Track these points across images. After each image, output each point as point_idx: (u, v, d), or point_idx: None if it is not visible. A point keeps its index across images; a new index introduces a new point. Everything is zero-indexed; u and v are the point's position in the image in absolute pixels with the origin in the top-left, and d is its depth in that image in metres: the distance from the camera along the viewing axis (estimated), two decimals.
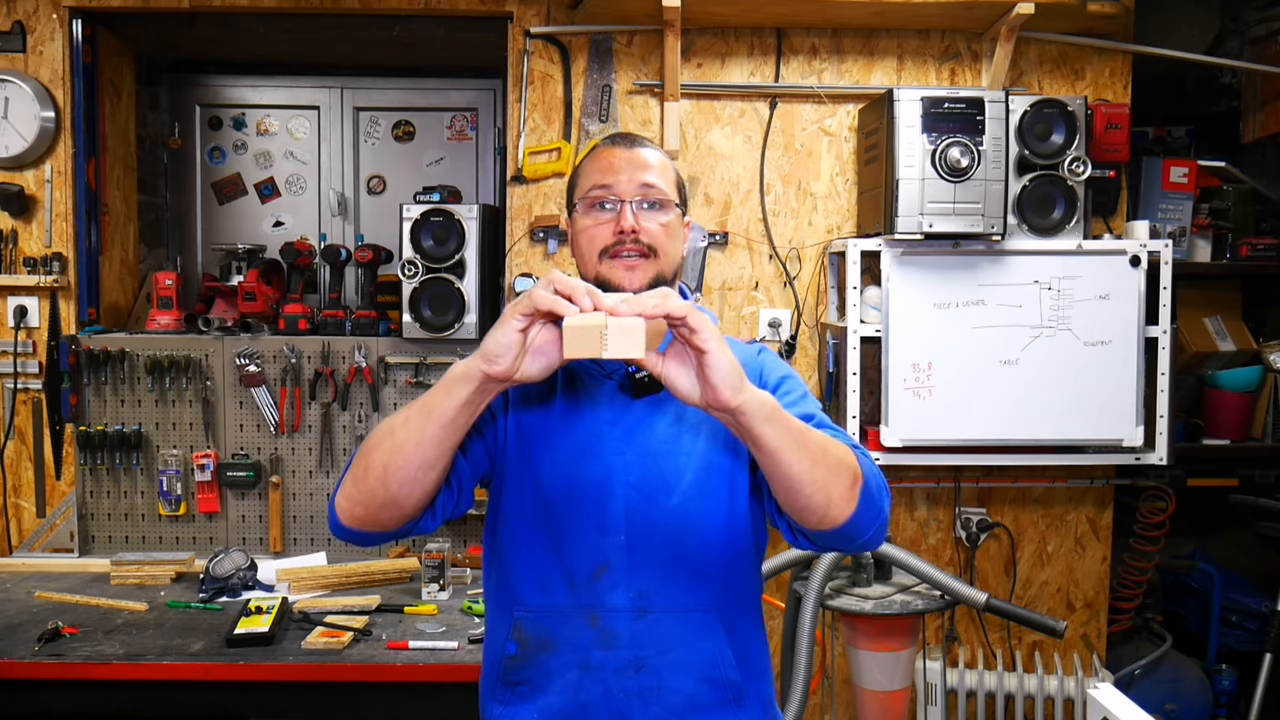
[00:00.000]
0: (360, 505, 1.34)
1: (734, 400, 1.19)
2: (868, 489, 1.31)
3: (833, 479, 1.27)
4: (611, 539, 1.43)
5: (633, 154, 1.51)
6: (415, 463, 1.29)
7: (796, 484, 1.26)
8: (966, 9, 2.94)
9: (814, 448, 1.27)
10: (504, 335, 1.23)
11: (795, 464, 1.25)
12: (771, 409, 1.23)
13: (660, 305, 1.19)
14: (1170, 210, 3.33)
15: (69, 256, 3.12)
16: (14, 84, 3.05)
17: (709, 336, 1.18)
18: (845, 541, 1.34)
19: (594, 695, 1.43)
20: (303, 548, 3.14)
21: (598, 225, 1.48)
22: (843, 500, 1.28)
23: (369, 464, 1.31)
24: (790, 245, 3.17)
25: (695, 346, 1.19)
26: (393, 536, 1.39)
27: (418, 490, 1.31)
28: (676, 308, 1.19)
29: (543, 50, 3.14)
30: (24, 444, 3.15)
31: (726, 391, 1.19)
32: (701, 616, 1.45)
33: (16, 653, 2.31)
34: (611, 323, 1.19)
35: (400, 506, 1.32)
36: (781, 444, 1.24)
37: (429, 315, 3.02)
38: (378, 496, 1.31)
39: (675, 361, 1.23)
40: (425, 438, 1.28)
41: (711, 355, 1.18)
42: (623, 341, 1.19)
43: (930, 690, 3.04)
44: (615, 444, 1.45)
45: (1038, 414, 2.89)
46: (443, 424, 1.27)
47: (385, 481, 1.30)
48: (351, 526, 1.37)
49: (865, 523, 1.32)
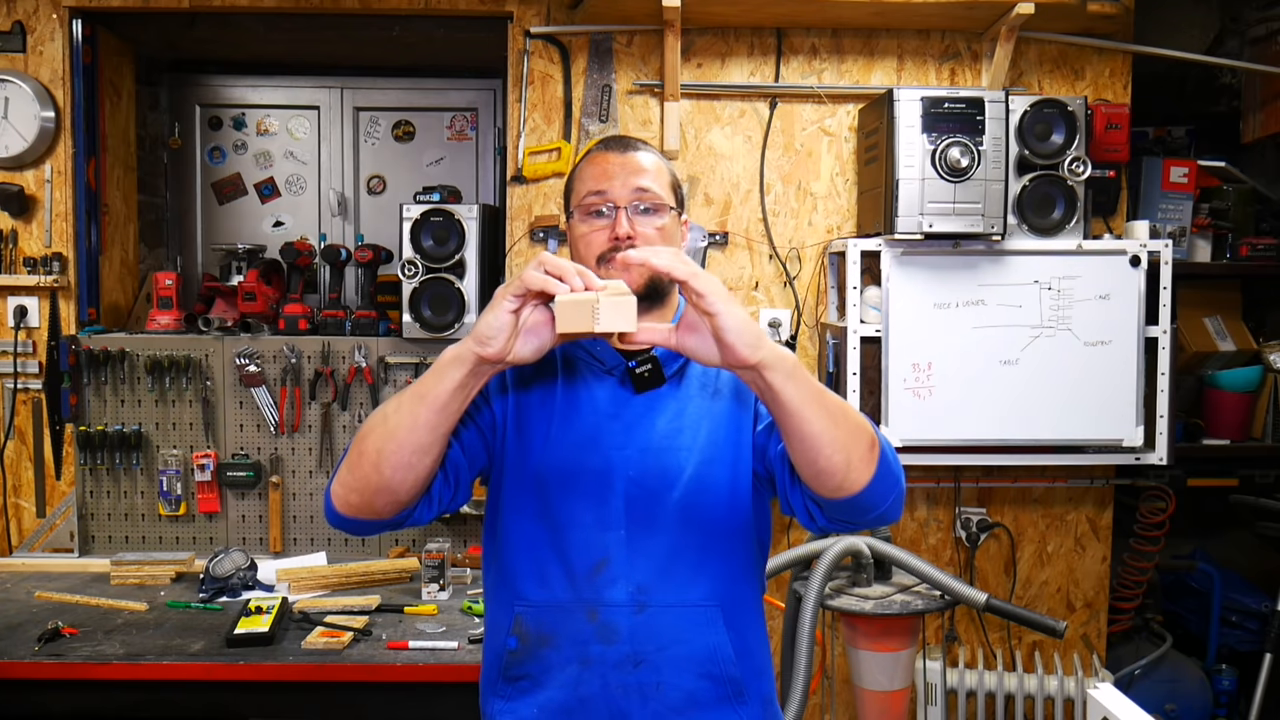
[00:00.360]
0: (355, 492, 1.34)
1: (753, 356, 1.20)
2: (885, 457, 1.31)
3: (852, 440, 1.27)
4: (611, 533, 1.43)
5: (626, 158, 1.50)
6: (409, 447, 1.30)
7: (816, 443, 1.26)
8: (966, 9, 2.94)
9: (834, 407, 1.27)
10: (496, 318, 1.24)
11: (816, 422, 1.25)
12: (793, 365, 1.24)
13: (668, 264, 1.20)
14: (1170, 210, 3.33)
15: (69, 256, 3.12)
16: (14, 84, 3.05)
17: (716, 298, 1.19)
18: (861, 511, 1.33)
19: (593, 690, 1.43)
20: (303, 548, 3.14)
21: (594, 232, 1.48)
22: (862, 463, 1.28)
23: (363, 450, 1.32)
24: (790, 245, 3.17)
25: (704, 310, 1.20)
26: (389, 526, 1.39)
27: (412, 476, 1.32)
28: (682, 269, 1.20)
29: (543, 50, 3.14)
30: (24, 444, 3.15)
31: (744, 349, 1.20)
32: (701, 612, 1.45)
33: (16, 653, 2.31)
34: (603, 298, 1.19)
35: (394, 492, 1.33)
36: (803, 401, 1.24)
37: (429, 315, 3.02)
38: (372, 482, 1.32)
39: (688, 331, 1.24)
40: (419, 422, 1.29)
41: (722, 316, 1.19)
42: (615, 316, 1.19)
43: (930, 690, 3.04)
44: (615, 438, 1.45)
45: (1038, 414, 2.89)
46: (436, 408, 1.28)
47: (379, 467, 1.31)
48: (347, 514, 1.37)
49: (883, 491, 1.31)
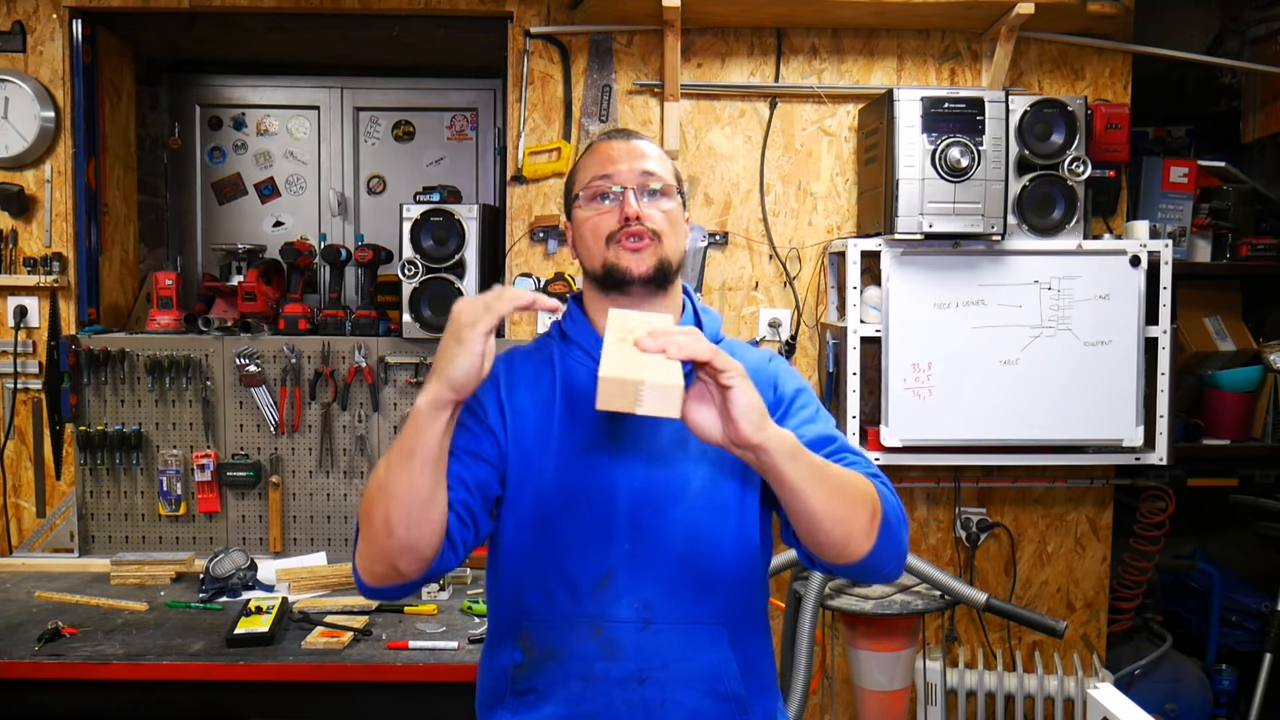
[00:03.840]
0: (378, 562, 1.34)
1: (756, 437, 1.20)
2: (887, 523, 1.32)
3: (852, 514, 1.29)
4: (615, 548, 1.40)
5: (630, 145, 1.51)
6: (413, 504, 1.30)
7: (817, 520, 1.27)
8: (966, 9, 2.94)
9: (834, 483, 1.28)
10: (467, 361, 1.25)
11: (815, 500, 1.25)
12: (793, 446, 1.24)
13: (685, 347, 1.19)
14: (1170, 210, 3.33)
15: (69, 256, 3.12)
16: (14, 84, 3.05)
17: (734, 375, 1.19)
18: (865, 574, 1.36)
19: (596, 707, 1.41)
20: (303, 548, 3.14)
21: (601, 215, 1.47)
22: (862, 535, 1.30)
23: (372, 521, 1.32)
24: (790, 245, 3.17)
25: (721, 384, 1.20)
26: (422, 582, 1.38)
27: (427, 529, 1.32)
28: (703, 351, 1.19)
29: (543, 50, 3.14)
30: (24, 444, 3.15)
31: (749, 428, 1.20)
32: (707, 629, 1.42)
33: (16, 653, 2.31)
34: (649, 381, 1.18)
35: (415, 549, 1.32)
36: (802, 481, 1.24)
37: (429, 315, 3.01)
38: (390, 548, 1.32)
39: (696, 400, 1.24)
40: (414, 479, 1.29)
41: (735, 391, 1.19)
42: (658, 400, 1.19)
43: (930, 690, 3.04)
44: (619, 450, 1.43)
45: (1038, 414, 2.89)
46: (430, 460, 1.29)
47: (393, 533, 1.31)
48: (378, 585, 1.37)
49: (885, 557, 1.33)
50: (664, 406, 1.18)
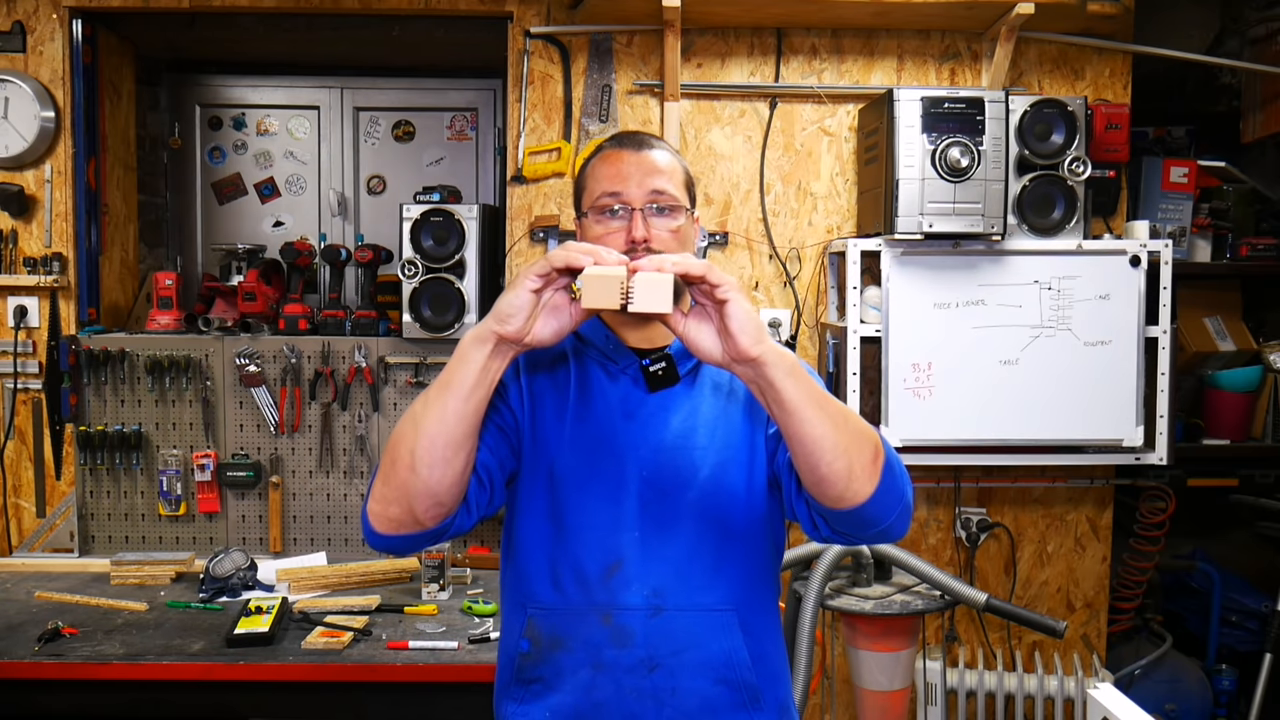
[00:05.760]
0: (394, 504, 1.31)
1: (754, 350, 1.21)
2: (890, 467, 1.29)
3: (854, 447, 1.25)
4: (625, 535, 1.41)
5: (641, 157, 1.49)
6: (442, 441, 1.28)
7: (817, 447, 1.24)
8: (966, 9, 2.94)
9: (835, 412, 1.26)
10: (516, 296, 1.26)
11: (816, 424, 1.24)
12: (792, 364, 1.24)
13: (679, 264, 1.22)
14: (1170, 210, 3.33)
15: (69, 256, 3.12)
16: (14, 84, 3.05)
17: (729, 288, 1.21)
18: (866, 525, 1.31)
19: (606, 695, 1.41)
20: (303, 548, 3.14)
21: (609, 234, 1.46)
22: (864, 473, 1.26)
23: (396, 456, 1.30)
24: (790, 245, 3.17)
25: (716, 299, 1.21)
26: (432, 537, 1.35)
27: (450, 473, 1.29)
28: (695, 266, 1.22)
29: (543, 50, 3.14)
30: (24, 444, 3.15)
31: (746, 340, 1.21)
32: (718, 616, 1.43)
33: (16, 653, 2.31)
34: (638, 276, 1.19)
35: (435, 494, 1.29)
36: (802, 402, 1.23)
37: (429, 315, 3.02)
38: (411, 487, 1.29)
39: (695, 320, 1.26)
40: (448, 413, 1.27)
41: (732, 304, 1.21)
42: (648, 295, 1.19)
43: (930, 690, 3.04)
44: (629, 438, 1.43)
45: (1037, 414, 2.89)
46: (463, 395, 1.27)
47: (415, 469, 1.28)
48: (388, 532, 1.33)
49: (887, 505, 1.29)
50: (655, 301, 1.19)
